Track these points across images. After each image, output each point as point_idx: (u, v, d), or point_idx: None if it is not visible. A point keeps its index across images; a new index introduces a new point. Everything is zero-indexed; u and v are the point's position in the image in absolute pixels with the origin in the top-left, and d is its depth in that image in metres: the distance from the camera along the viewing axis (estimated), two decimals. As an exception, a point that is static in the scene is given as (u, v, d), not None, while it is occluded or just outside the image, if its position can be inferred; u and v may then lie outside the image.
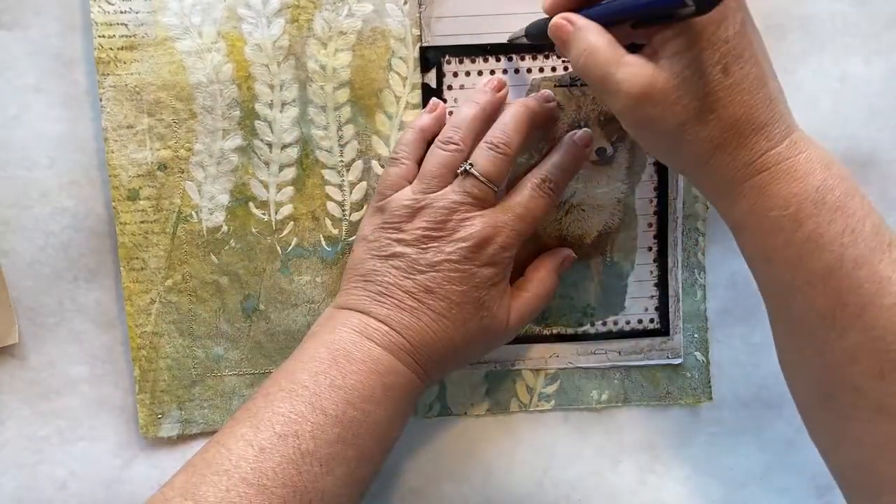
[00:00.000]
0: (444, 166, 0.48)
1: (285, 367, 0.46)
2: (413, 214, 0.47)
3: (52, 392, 0.52)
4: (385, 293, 0.47)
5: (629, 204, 0.53)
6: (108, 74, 0.49)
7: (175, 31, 0.49)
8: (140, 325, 0.51)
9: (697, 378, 0.54)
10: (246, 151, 0.51)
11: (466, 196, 0.47)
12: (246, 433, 0.42)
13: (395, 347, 0.46)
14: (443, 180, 0.47)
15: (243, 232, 0.51)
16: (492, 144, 0.47)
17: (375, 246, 0.48)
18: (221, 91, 0.50)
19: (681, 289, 0.53)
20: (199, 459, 0.42)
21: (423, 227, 0.47)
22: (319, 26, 0.50)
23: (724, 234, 0.53)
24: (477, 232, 0.46)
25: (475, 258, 0.46)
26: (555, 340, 0.54)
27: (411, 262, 0.46)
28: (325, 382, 0.44)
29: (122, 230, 0.51)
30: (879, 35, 0.52)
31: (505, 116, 0.49)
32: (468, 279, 0.46)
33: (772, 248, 0.42)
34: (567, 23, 0.44)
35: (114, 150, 0.50)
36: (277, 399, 0.43)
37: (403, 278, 0.47)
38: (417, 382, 0.47)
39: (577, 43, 0.43)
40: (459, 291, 0.46)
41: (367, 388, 0.44)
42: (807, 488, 0.55)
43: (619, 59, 0.42)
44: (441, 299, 0.46)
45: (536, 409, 0.54)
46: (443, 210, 0.47)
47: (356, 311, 0.47)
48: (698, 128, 0.41)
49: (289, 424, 0.42)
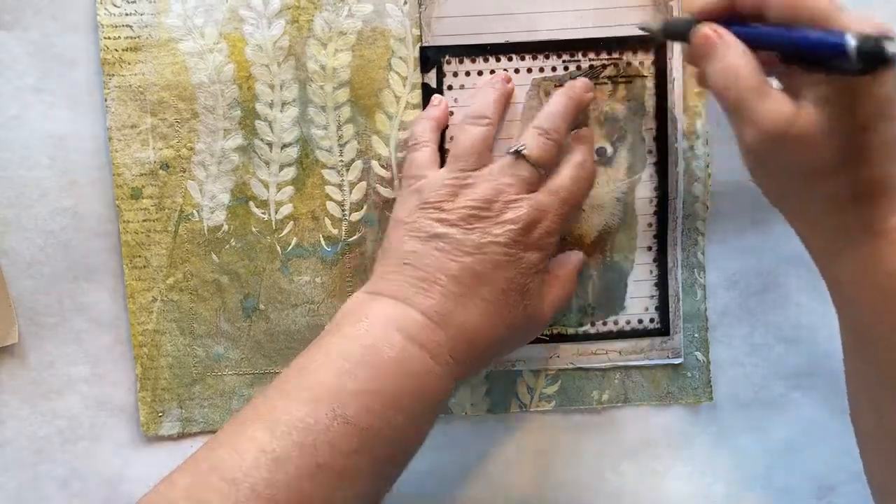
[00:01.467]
0: (479, 142, 0.47)
1: (308, 359, 0.42)
2: (455, 193, 0.45)
3: (52, 392, 0.52)
4: (428, 279, 0.43)
5: (629, 203, 0.53)
6: (113, 75, 0.50)
7: (178, 33, 0.50)
8: (142, 322, 0.51)
9: (698, 378, 0.54)
10: (246, 151, 0.51)
11: (515, 178, 0.45)
12: (259, 437, 0.39)
13: (434, 345, 0.42)
14: (480, 157, 0.46)
15: (243, 231, 0.51)
16: (542, 130, 0.47)
17: (415, 227, 0.45)
18: (223, 91, 0.50)
19: (681, 289, 0.53)
20: (206, 459, 0.39)
21: (468, 206, 0.45)
22: (319, 27, 0.50)
23: (724, 234, 0.53)
24: (525, 215, 0.45)
25: (522, 242, 0.44)
26: (555, 340, 0.54)
27: (457, 243, 0.44)
28: (350, 387, 0.40)
29: (125, 228, 0.51)
30: (878, 35, 0.52)
31: (552, 105, 0.48)
32: (515, 264, 0.44)
33: (877, 314, 0.40)
34: (715, 34, 0.41)
35: (117, 150, 0.50)
36: (296, 400, 0.40)
37: (448, 261, 0.44)
38: (450, 386, 0.44)
39: (721, 59, 0.41)
40: (507, 277, 0.44)
41: (395, 394, 0.41)
42: (808, 489, 0.55)
43: (761, 88, 0.39)
44: (489, 285, 0.44)
45: (537, 410, 0.54)
46: (490, 190, 0.45)
47: (394, 299, 0.44)
48: (826, 181, 0.40)
49: (307, 433, 0.39)
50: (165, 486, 0.39)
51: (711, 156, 0.53)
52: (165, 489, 0.38)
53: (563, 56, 0.51)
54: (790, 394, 0.55)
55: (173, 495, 0.38)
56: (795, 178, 0.41)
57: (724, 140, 0.53)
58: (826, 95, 0.38)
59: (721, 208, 0.53)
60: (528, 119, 0.51)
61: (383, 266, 0.45)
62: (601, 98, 0.51)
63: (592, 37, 0.51)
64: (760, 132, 0.39)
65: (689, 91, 0.52)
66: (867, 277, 0.40)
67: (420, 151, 0.48)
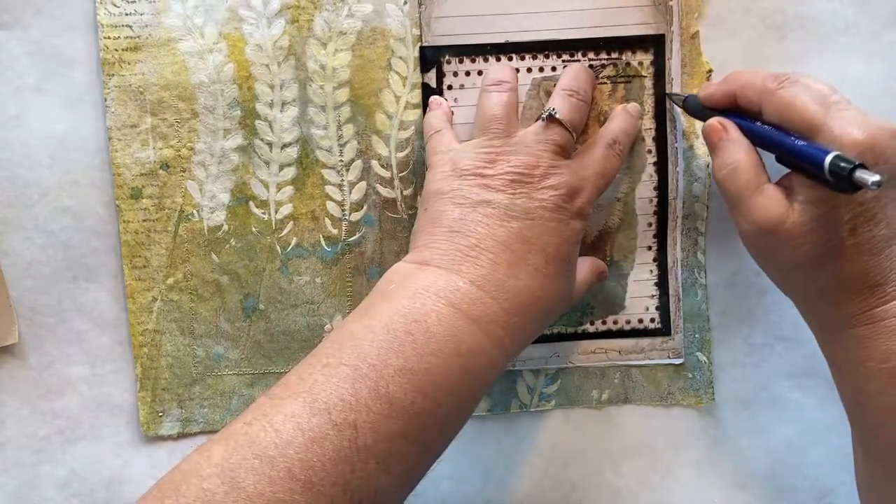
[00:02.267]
0: (505, 106, 0.46)
1: (350, 332, 0.40)
2: (493, 160, 0.44)
3: (52, 392, 0.52)
4: (478, 246, 0.42)
5: (629, 203, 0.53)
6: (113, 75, 0.50)
7: (178, 33, 0.50)
8: (142, 322, 0.52)
9: (699, 379, 0.54)
10: (246, 151, 0.51)
11: (550, 144, 0.45)
12: (298, 413, 0.36)
13: (486, 319, 0.41)
14: (509, 122, 0.46)
15: (243, 231, 0.51)
16: (571, 90, 0.47)
17: (458, 195, 0.44)
18: (223, 91, 0.50)
19: (681, 289, 0.53)
20: (242, 432, 0.36)
21: (510, 171, 0.44)
22: (319, 26, 0.50)
23: (725, 235, 0.53)
24: (567, 181, 0.44)
25: (567, 209, 0.44)
26: (555, 340, 0.54)
27: (504, 208, 0.43)
28: (395, 363, 0.38)
29: (125, 228, 0.51)
30: (879, 35, 0.52)
31: (572, 70, 0.49)
32: (562, 230, 0.43)
33: (865, 393, 0.43)
34: (722, 129, 0.45)
35: (117, 150, 0.50)
36: (337, 376, 0.37)
37: (498, 226, 0.42)
38: (501, 362, 0.42)
39: (726, 154, 0.44)
40: (555, 244, 0.43)
41: (444, 374, 0.39)
42: (809, 490, 0.55)
43: (759, 185, 0.43)
44: (538, 252, 0.43)
45: (537, 409, 0.54)
46: (529, 157, 0.44)
47: (442, 269, 0.42)
48: (812, 273, 0.42)
49: (347, 412, 0.36)
50: (200, 458, 0.36)
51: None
52: (200, 461, 0.36)
53: (563, 56, 0.51)
54: (790, 394, 0.55)
55: (207, 470, 0.35)
56: (783, 267, 0.44)
57: (725, 140, 0.53)
58: (815, 197, 0.41)
59: (721, 208, 0.53)
60: (529, 119, 0.51)
61: (428, 235, 0.43)
62: (601, 98, 0.51)
63: (592, 37, 0.51)
64: (754, 227, 0.42)
65: (688, 91, 0.52)
66: (857, 362, 0.42)
67: (438, 134, 0.48)
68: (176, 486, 0.35)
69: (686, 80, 0.52)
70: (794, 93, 0.42)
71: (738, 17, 0.52)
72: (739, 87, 0.45)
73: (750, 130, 0.44)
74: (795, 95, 0.42)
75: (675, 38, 0.51)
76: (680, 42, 0.51)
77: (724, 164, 0.44)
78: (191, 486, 0.35)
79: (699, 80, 0.52)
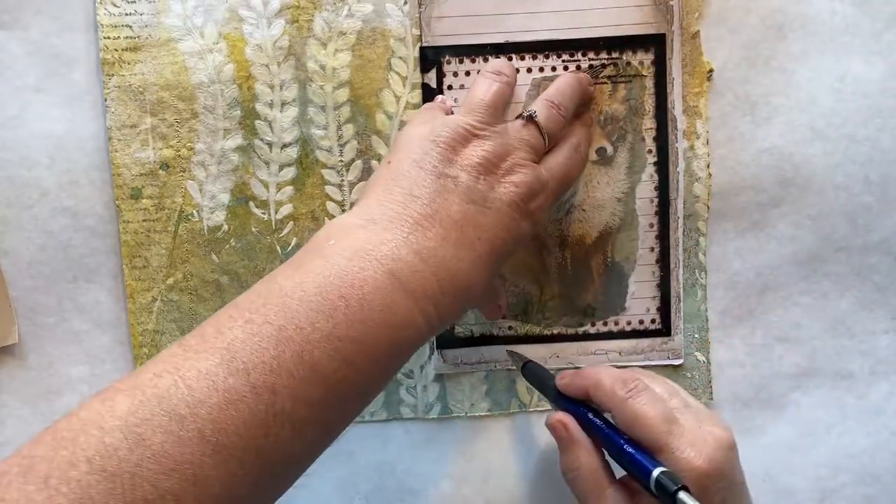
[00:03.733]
0: (497, 96, 0.46)
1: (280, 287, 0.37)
2: (467, 139, 0.43)
3: (52, 392, 0.52)
4: (432, 217, 0.40)
5: (630, 204, 0.53)
6: (113, 75, 0.50)
7: (178, 33, 0.50)
8: (142, 323, 0.51)
9: (698, 378, 0.54)
10: (246, 151, 0.51)
11: (523, 143, 0.45)
12: (213, 371, 0.34)
13: (423, 293, 0.39)
14: (495, 113, 0.45)
15: (243, 231, 0.51)
16: (553, 103, 0.47)
17: (426, 160, 0.42)
18: (222, 91, 0.50)
19: (682, 289, 0.53)
20: (150, 384, 0.34)
21: (479, 156, 0.43)
22: (319, 27, 0.50)
23: (725, 235, 0.53)
24: (529, 182, 0.44)
25: (523, 208, 0.44)
26: (556, 341, 0.54)
27: (465, 188, 0.42)
28: (323, 328, 0.36)
29: (125, 228, 0.51)
30: (879, 35, 0.52)
31: (560, 83, 0.49)
32: (513, 228, 0.43)
33: None
34: (563, 428, 0.46)
35: (117, 150, 0.50)
36: (260, 335, 0.35)
37: (455, 203, 0.41)
38: (427, 338, 0.40)
39: (568, 457, 0.46)
40: (503, 238, 0.43)
41: (372, 344, 0.37)
42: (810, 490, 0.55)
43: (600, 491, 0.44)
44: (486, 241, 0.42)
45: (537, 409, 0.54)
46: (501, 147, 0.44)
47: (389, 232, 0.40)
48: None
49: (267, 375, 0.34)
50: (103, 407, 0.33)
51: (712, 155, 0.52)
52: (102, 411, 0.33)
53: (563, 56, 0.51)
54: (790, 394, 0.55)
55: (110, 422, 0.32)
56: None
57: (725, 140, 0.53)
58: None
59: (721, 208, 0.53)
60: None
61: (384, 192, 0.41)
62: (601, 98, 0.51)
63: (592, 36, 0.51)
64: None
65: (688, 91, 0.52)
66: None
67: (431, 107, 0.49)
68: (74, 437, 0.32)
69: (687, 80, 0.51)
70: (640, 405, 0.44)
71: (738, 17, 0.52)
72: (591, 385, 0.46)
73: (595, 428, 0.46)
74: (641, 410, 0.44)
75: (675, 37, 0.51)
76: (680, 42, 0.51)
77: (568, 468, 0.46)
78: (91, 437, 0.32)
79: (700, 79, 0.52)
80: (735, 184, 0.53)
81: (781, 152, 0.53)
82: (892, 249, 0.54)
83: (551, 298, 0.53)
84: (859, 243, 0.53)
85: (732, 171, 0.53)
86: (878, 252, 0.54)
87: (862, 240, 0.53)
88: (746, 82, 0.52)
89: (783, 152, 0.53)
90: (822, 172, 0.53)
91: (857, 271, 0.54)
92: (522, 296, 0.53)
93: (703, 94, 0.52)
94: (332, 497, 0.53)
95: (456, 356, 0.53)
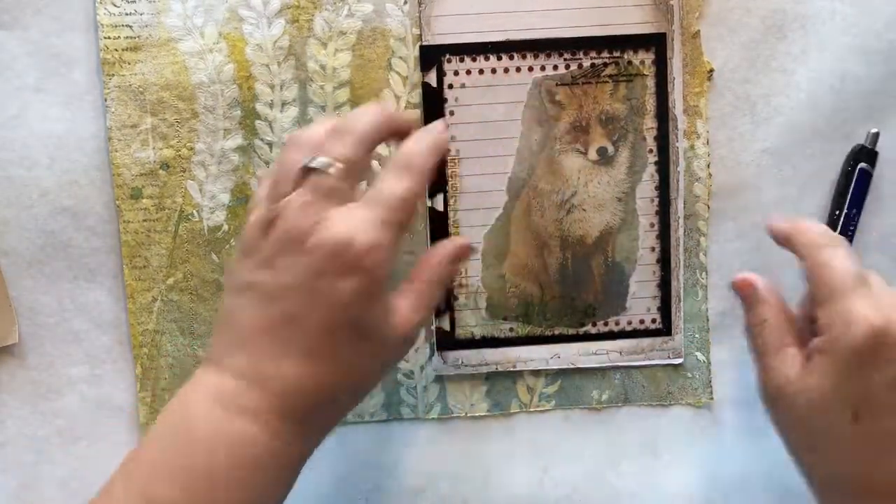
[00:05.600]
0: (282, 163, 0.41)
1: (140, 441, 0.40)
2: (266, 230, 0.39)
3: (52, 392, 0.52)
4: (243, 335, 0.38)
5: (630, 204, 0.53)
6: (113, 75, 0.50)
7: (178, 33, 0.50)
8: (142, 323, 0.51)
9: (698, 378, 0.54)
10: (246, 151, 0.51)
11: (316, 194, 0.39)
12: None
13: (256, 410, 0.38)
14: (282, 183, 0.40)
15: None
16: (337, 130, 0.41)
17: (231, 280, 0.40)
18: (223, 91, 0.50)
19: (682, 289, 0.53)
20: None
21: (275, 242, 0.38)
22: (319, 26, 0.50)
23: (726, 235, 0.53)
24: (332, 235, 0.38)
25: (335, 268, 0.37)
26: (556, 341, 0.54)
27: (266, 290, 0.38)
28: (163, 465, 0.37)
29: (125, 228, 0.51)
30: (879, 35, 0.52)
31: (354, 112, 0.42)
32: (333, 298, 0.38)
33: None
34: (749, 286, 0.45)
35: (117, 150, 0.50)
36: (113, 481, 0.38)
37: (260, 312, 0.38)
38: (287, 449, 0.39)
39: (755, 310, 0.45)
40: (326, 318, 0.38)
41: (209, 470, 0.37)
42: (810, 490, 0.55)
43: (782, 347, 0.43)
44: (303, 334, 0.38)
45: (537, 410, 0.54)
46: (294, 215, 0.38)
47: (213, 365, 0.39)
48: (807, 461, 0.41)
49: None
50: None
51: (712, 156, 0.52)
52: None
53: (565, 54, 0.51)
54: (791, 394, 0.55)
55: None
56: (784, 442, 0.43)
57: (725, 140, 0.53)
58: (821, 369, 0.40)
59: (721, 208, 0.53)
60: (530, 119, 0.51)
61: (213, 329, 0.41)
62: (602, 97, 0.51)
63: (593, 35, 0.51)
64: (764, 385, 0.43)
65: (689, 91, 0.52)
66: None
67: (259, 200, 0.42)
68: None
69: (687, 80, 0.52)
70: (835, 254, 0.42)
71: (738, 17, 0.52)
72: (793, 230, 0.45)
73: None
74: (835, 259, 0.42)
75: (675, 37, 0.51)
76: (681, 41, 0.51)
77: (753, 323, 0.45)
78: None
79: (700, 79, 0.52)
80: (735, 184, 0.53)
81: (781, 152, 0.53)
82: (891, 249, 0.54)
83: (552, 299, 0.53)
84: (859, 243, 0.53)
85: (732, 171, 0.53)
86: (876, 251, 0.54)
87: (861, 240, 0.53)
88: (746, 82, 0.52)
89: (783, 152, 0.53)
90: (822, 172, 0.53)
91: (857, 271, 0.54)
92: (523, 297, 0.53)
93: (703, 93, 0.52)
94: (333, 497, 0.53)
95: (456, 358, 0.53)
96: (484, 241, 0.52)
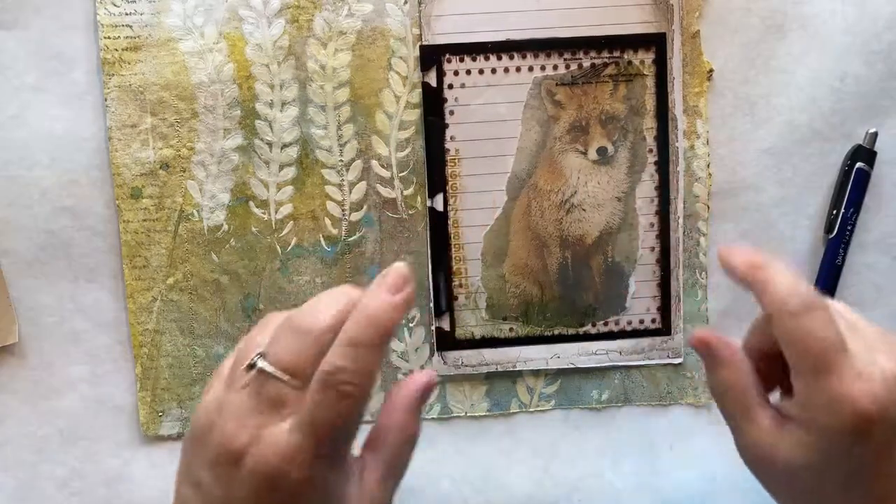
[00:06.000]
0: (237, 354, 0.37)
1: None
2: (212, 425, 0.34)
3: (52, 392, 0.52)
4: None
5: (630, 203, 0.53)
6: (113, 75, 0.50)
7: (178, 32, 0.50)
8: (142, 322, 0.51)
9: (698, 378, 0.54)
10: (246, 151, 0.51)
11: (260, 401, 0.34)
12: None
13: None
14: (232, 379, 0.36)
15: (243, 231, 0.51)
16: (294, 327, 0.35)
17: (182, 465, 0.36)
18: (222, 91, 0.50)
19: (682, 289, 0.53)
20: None
21: (215, 446, 0.34)
22: (319, 26, 0.50)
23: (726, 235, 0.53)
24: (265, 464, 0.33)
25: (272, 500, 0.33)
26: (556, 341, 0.54)
27: (210, 496, 0.34)
28: None
29: (125, 228, 0.51)
30: (879, 35, 0.52)
31: (318, 299, 0.36)
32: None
33: None
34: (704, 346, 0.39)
35: (117, 149, 0.50)
36: None
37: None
38: None
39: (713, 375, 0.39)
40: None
41: None
42: None
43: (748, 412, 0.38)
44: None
45: (537, 410, 0.54)
46: (230, 422, 0.34)
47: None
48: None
49: None
50: None
51: (712, 156, 0.53)
52: None
53: (565, 54, 0.51)
54: (791, 394, 0.55)
55: None
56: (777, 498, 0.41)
57: (725, 140, 0.53)
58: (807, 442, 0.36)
59: (721, 208, 0.53)
60: (530, 119, 0.51)
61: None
62: (602, 97, 0.51)
63: (593, 35, 0.51)
64: (740, 447, 0.40)
65: (688, 91, 0.52)
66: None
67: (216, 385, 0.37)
68: None
69: (687, 80, 0.52)
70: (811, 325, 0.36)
71: (738, 17, 0.52)
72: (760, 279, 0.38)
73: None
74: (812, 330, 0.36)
75: (675, 36, 0.51)
76: (681, 41, 0.51)
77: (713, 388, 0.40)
78: None
79: (700, 79, 0.52)
80: (735, 184, 0.53)
81: (781, 152, 0.53)
82: (891, 249, 0.54)
83: (552, 299, 0.53)
84: (858, 243, 0.53)
85: (732, 171, 0.53)
86: (876, 251, 0.54)
87: (860, 239, 0.53)
88: (746, 82, 0.52)
89: (783, 152, 0.53)
90: (822, 172, 0.53)
91: (856, 271, 0.54)
92: (523, 297, 0.53)
93: (703, 93, 0.52)
94: (333, 497, 0.53)
95: (457, 358, 0.53)
96: (484, 241, 0.52)
